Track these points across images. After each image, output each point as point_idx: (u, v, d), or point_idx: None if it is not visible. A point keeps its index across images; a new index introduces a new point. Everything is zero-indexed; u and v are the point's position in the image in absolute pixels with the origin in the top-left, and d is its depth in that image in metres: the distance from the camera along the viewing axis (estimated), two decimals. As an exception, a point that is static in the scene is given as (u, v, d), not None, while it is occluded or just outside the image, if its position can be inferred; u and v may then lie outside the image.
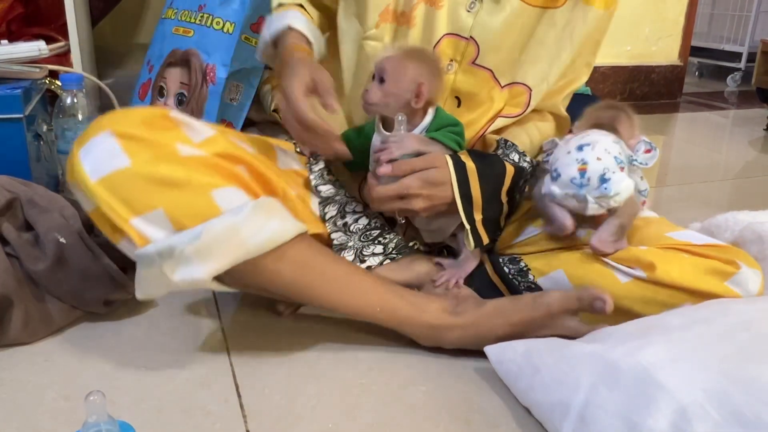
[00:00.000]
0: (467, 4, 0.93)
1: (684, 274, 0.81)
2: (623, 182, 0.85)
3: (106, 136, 0.74)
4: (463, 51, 0.95)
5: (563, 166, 0.88)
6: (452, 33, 0.94)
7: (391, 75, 0.86)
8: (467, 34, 0.94)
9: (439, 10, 0.93)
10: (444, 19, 0.93)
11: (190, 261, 0.73)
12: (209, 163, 0.77)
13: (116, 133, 0.74)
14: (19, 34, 1.61)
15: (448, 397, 0.78)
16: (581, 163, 0.86)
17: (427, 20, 0.94)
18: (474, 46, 0.95)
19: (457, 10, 0.93)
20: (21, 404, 0.75)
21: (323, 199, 0.95)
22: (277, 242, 0.77)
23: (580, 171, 0.86)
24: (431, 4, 0.93)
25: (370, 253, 0.93)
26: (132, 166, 0.72)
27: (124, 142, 0.73)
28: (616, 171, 0.85)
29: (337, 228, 0.93)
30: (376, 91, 0.87)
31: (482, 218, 0.90)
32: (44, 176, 1.30)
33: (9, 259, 0.87)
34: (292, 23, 0.95)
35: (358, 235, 0.94)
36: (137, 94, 1.61)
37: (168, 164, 0.74)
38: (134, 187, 0.72)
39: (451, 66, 0.96)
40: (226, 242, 0.74)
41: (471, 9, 0.93)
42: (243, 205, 0.76)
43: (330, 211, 0.94)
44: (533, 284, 0.90)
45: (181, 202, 0.73)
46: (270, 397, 0.77)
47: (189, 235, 0.72)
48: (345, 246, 0.92)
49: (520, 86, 0.99)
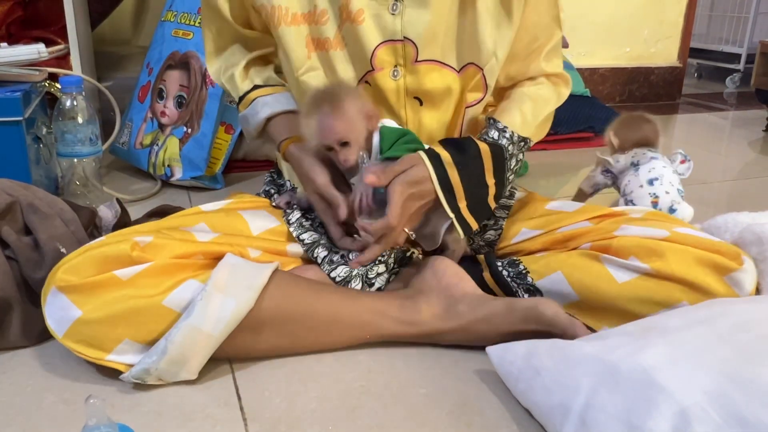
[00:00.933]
0: (389, 7, 0.91)
1: (684, 266, 0.82)
2: (687, 210, 1.13)
3: (55, 293, 0.77)
4: (403, 53, 0.93)
5: (638, 198, 1.13)
6: (385, 40, 0.92)
7: (344, 130, 0.87)
8: (400, 36, 0.92)
9: (361, 24, 0.91)
10: (371, 31, 0.92)
11: (169, 371, 0.77)
12: (154, 271, 0.78)
13: (61, 288, 0.77)
14: (18, 37, 1.61)
15: (449, 399, 0.78)
16: (653, 197, 1.12)
17: (353, 38, 0.93)
18: (411, 45, 0.93)
19: (382, 17, 0.92)
20: (20, 408, 0.75)
21: (308, 246, 0.94)
22: (242, 314, 0.78)
23: (653, 203, 1.12)
24: (351, 22, 0.92)
25: (375, 274, 0.92)
26: (84, 315, 0.76)
27: (71, 295, 0.76)
28: (681, 202, 1.13)
29: (336, 263, 0.92)
30: (348, 152, 0.88)
31: (467, 204, 0.90)
32: (44, 179, 1.30)
33: (8, 262, 0.87)
34: (264, 114, 0.99)
35: None
36: (137, 96, 1.61)
37: (114, 299, 0.76)
38: (94, 332, 0.76)
39: (397, 71, 0.95)
40: (193, 344, 0.76)
41: (394, 11, 0.92)
42: (194, 299, 0.77)
43: (320, 254, 0.93)
44: (532, 286, 0.90)
45: (139, 325, 0.77)
46: (270, 399, 0.77)
47: (156, 353, 0.76)
48: (350, 277, 0.91)
49: (472, 67, 0.97)
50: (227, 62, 1.04)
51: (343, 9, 0.92)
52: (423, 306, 0.86)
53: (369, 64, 0.94)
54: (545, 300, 0.86)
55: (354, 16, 0.91)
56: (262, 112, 1.00)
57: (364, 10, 0.91)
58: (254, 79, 1.03)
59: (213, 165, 1.50)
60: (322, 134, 0.88)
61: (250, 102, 1.01)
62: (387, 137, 0.90)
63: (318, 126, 0.88)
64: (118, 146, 1.61)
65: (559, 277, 0.88)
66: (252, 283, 0.80)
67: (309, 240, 0.94)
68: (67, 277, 0.77)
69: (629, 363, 0.66)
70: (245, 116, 1.02)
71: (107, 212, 1.06)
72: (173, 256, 0.80)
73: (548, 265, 0.90)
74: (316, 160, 0.93)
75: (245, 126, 1.04)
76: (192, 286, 0.78)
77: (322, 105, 0.88)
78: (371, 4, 0.91)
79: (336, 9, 0.92)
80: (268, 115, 0.99)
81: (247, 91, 1.02)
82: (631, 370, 0.65)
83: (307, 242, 0.94)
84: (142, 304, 0.76)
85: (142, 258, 0.78)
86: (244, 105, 1.02)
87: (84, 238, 0.92)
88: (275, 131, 1.00)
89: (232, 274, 0.80)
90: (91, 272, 0.77)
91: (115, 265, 0.78)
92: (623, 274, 0.85)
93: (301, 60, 0.95)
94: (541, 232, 0.97)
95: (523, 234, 0.98)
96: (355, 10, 0.91)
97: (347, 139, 0.88)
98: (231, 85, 1.04)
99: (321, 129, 0.88)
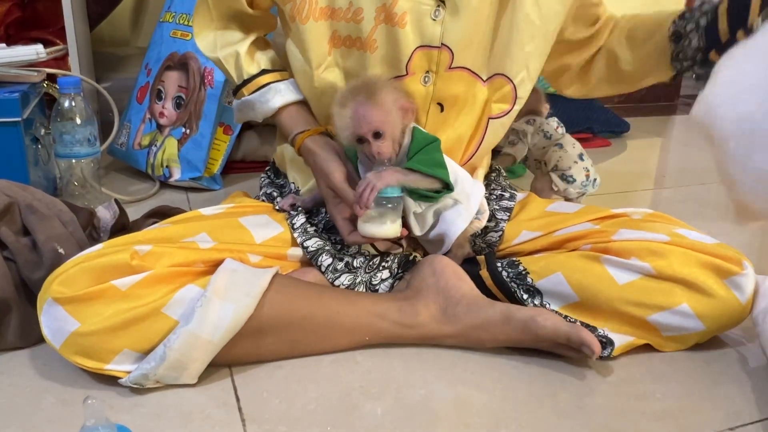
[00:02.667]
0: (431, 13, 0.89)
1: (686, 267, 0.83)
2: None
3: (51, 303, 0.76)
4: (438, 60, 0.92)
5: (576, 173, 1.30)
6: (423, 45, 0.90)
7: (379, 120, 0.84)
8: (438, 43, 0.90)
9: (403, 28, 0.89)
10: (411, 35, 0.89)
11: (168, 375, 0.77)
12: (154, 280, 0.78)
13: (57, 300, 0.76)
14: (17, 37, 1.61)
15: (447, 400, 0.78)
16: (586, 171, 1.31)
17: (390, 41, 0.90)
18: (447, 52, 0.91)
19: (423, 22, 0.89)
20: (19, 409, 0.75)
21: (312, 254, 0.93)
22: (241, 320, 0.78)
23: (586, 176, 1.30)
24: (392, 24, 0.89)
25: (379, 279, 0.92)
26: (82, 327, 0.75)
27: (67, 307, 0.75)
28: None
29: (339, 272, 0.92)
30: (381, 145, 0.85)
31: None
32: (42, 180, 1.30)
33: (6, 263, 0.87)
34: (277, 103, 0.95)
35: (362, 269, 0.93)
36: (135, 97, 1.61)
37: (113, 312, 0.75)
38: (93, 344, 0.75)
39: (429, 77, 0.93)
40: (192, 349, 0.76)
41: (436, 17, 0.89)
42: (193, 305, 0.77)
43: (324, 261, 0.92)
44: (532, 287, 0.90)
45: (139, 334, 0.76)
46: (268, 400, 0.77)
47: (154, 359, 0.76)
48: (353, 285, 0.91)
49: (500, 78, 0.96)
50: (224, 39, 0.99)
51: (384, 10, 0.88)
52: (421, 308, 0.86)
53: (403, 69, 0.91)
54: (542, 311, 0.85)
55: (397, 18, 0.88)
56: (275, 101, 0.95)
57: (409, 13, 0.89)
58: (260, 62, 0.98)
59: (211, 166, 1.50)
60: (356, 123, 0.84)
61: (258, 87, 0.96)
62: (417, 139, 0.88)
63: (353, 115, 0.84)
64: (116, 147, 1.61)
65: (559, 278, 0.88)
66: (251, 289, 0.80)
67: (313, 247, 0.93)
68: (62, 289, 0.76)
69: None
70: (250, 101, 0.97)
71: (105, 213, 1.06)
72: (173, 264, 0.80)
73: (548, 266, 0.90)
74: (334, 155, 0.91)
75: (246, 110, 0.99)
76: (191, 291, 0.78)
77: (359, 94, 0.85)
78: (415, 7, 0.89)
79: (373, 9, 0.89)
80: (281, 104, 0.96)
81: (255, 74, 0.97)
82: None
83: (311, 249, 0.93)
84: (141, 313, 0.76)
85: (141, 267, 0.78)
86: (249, 89, 0.97)
87: (82, 239, 0.92)
88: (289, 122, 0.96)
89: (231, 280, 0.80)
90: (87, 283, 0.76)
91: (114, 274, 0.77)
92: (624, 274, 0.85)
93: (321, 56, 0.92)
94: (541, 234, 0.97)
95: (523, 236, 0.98)
96: (400, 12, 0.88)
97: (382, 130, 0.84)
98: (233, 64, 0.98)
99: (356, 118, 0.84)
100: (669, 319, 0.84)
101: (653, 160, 1.96)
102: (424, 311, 0.86)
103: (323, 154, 0.91)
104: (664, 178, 1.75)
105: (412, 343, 0.87)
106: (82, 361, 0.76)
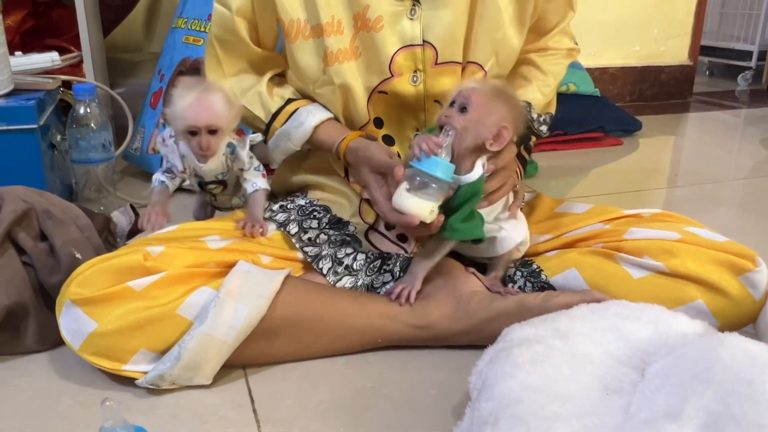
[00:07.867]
0: (407, 12, 0.89)
1: (699, 265, 0.82)
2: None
3: (69, 305, 0.78)
4: (423, 58, 0.92)
5: None
6: (405, 45, 0.91)
7: (477, 108, 0.82)
8: (420, 41, 0.91)
9: (380, 32, 0.89)
10: (389, 37, 0.90)
11: (182, 376, 0.78)
12: (168, 281, 0.79)
13: (75, 302, 0.77)
14: (32, 45, 1.63)
15: (459, 399, 0.78)
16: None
17: (369, 46, 0.91)
18: (431, 49, 0.91)
19: (400, 23, 0.89)
20: (37, 411, 0.76)
21: (312, 258, 0.94)
22: (254, 321, 0.79)
23: None
24: (367, 30, 0.89)
25: (381, 282, 0.92)
26: (99, 328, 0.76)
27: (85, 308, 0.77)
28: None
29: (340, 274, 0.92)
30: (458, 118, 0.82)
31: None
32: (58, 185, 1.32)
33: (25, 267, 0.88)
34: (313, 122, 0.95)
35: (363, 272, 0.93)
36: (149, 102, 1.62)
37: (129, 311, 0.77)
38: (110, 344, 0.77)
39: (417, 76, 0.93)
40: (206, 350, 0.77)
41: (413, 16, 0.90)
42: (207, 306, 0.78)
43: (325, 266, 0.93)
44: (546, 284, 0.90)
45: (155, 334, 0.77)
46: (282, 401, 0.78)
47: (170, 359, 0.77)
48: (355, 287, 0.92)
49: (472, 65, 0.96)
50: (240, 86, 0.99)
51: (359, 17, 0.90)
52: (432, 309, 0.86)
53: (387, 71, 0.92)
54: (555, 292, 0.86)
55: (372, 23, 0.90)
56: (309, 121, 0.95)
57: (383, 16, 0.89)
58: (284, 94, 0.98)
59: (224, 169, 1.51)
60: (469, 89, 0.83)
61: (289, 115, 0.96)
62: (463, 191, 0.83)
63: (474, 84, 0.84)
64: (131, 152, 1.62)
65: (574, 274, 0.88)
66: (264, 291, 0.81)
67: (312, 253, 0.94)
68: (80, 290, 0.77)
69: None
70: (285, 131, 0.96)
71: (122, 218, 1.07)
72: (186, 265, 0.81)
73: (562, 263, 0.90)
74: (375, 144, 0.91)
75: (283, 142, 0.98)
76: (205, 293, 0.79)
77: (503, 87, 0.87)
78: (389, 9, 0.89)
79: (350, 18, 0.91)
80: (317, 122, 0.95)
81: (282, 105, 0.97)
82: None
83: (311, 255, 0.94)
84: (156, 314, 0.77)
85: (155, 268, 0.79)
86: (281, 120, 0.96)
87: (99, 244, 0.93)
88: (328, 137, 0.96)
89: (244, 282, 0.81)
90: (104, 284, 0.78)
91: (129, 275, 0.78)
92: (638, 271, 0.85)
93: (315, 74, 0.94)
94: (550, 237, 0.97)
95: (532, 238, 0.98)
96: (373, 17, 0.89)
97: (472, 112, 0.82)
98: (258, 103, 0.98)
99: (472, 86, 0.84)
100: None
101: (665, 159, 1.95)
102: (435, 312, 0.86)
103: (364, 145, 0.91)
104: (677, 177, 1.74)
105: (424, 344, 0.88)
106: (100, 361, 0.77)
